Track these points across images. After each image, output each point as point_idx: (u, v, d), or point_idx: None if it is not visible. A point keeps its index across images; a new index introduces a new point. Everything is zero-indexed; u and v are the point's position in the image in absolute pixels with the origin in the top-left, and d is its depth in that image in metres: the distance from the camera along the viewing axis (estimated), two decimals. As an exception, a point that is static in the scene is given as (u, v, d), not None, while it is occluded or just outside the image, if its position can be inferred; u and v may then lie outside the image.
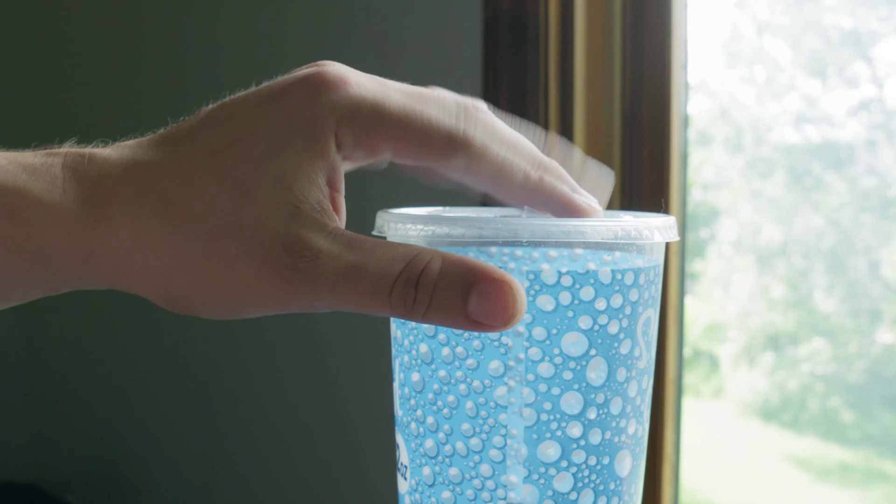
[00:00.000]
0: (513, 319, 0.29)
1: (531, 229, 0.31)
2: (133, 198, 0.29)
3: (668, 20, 0.99)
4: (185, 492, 1.59)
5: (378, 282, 0.29)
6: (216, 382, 1.53)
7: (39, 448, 1.88)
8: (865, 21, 1.10)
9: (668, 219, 0.34)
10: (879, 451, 1.17)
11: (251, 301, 0.30)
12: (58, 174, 0.29)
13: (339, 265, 0.29)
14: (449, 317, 0.29)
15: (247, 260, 0.29)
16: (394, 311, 0.29)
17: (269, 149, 0.30)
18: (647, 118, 1.01)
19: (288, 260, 0.29)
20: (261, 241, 0.29)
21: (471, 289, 0.28)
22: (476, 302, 0.28)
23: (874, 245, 1.11)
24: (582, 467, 0.32)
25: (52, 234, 0.29)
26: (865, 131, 1.11)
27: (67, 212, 0.29)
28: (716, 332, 1.29)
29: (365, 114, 0.30)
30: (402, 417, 0.35)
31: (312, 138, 0.30)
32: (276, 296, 0.29)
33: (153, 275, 0.29)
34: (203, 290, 0.29)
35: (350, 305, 0.29)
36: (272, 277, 0.29)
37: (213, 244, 0.29)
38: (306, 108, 0.30)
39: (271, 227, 0.29)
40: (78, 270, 0.29)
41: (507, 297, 0.28)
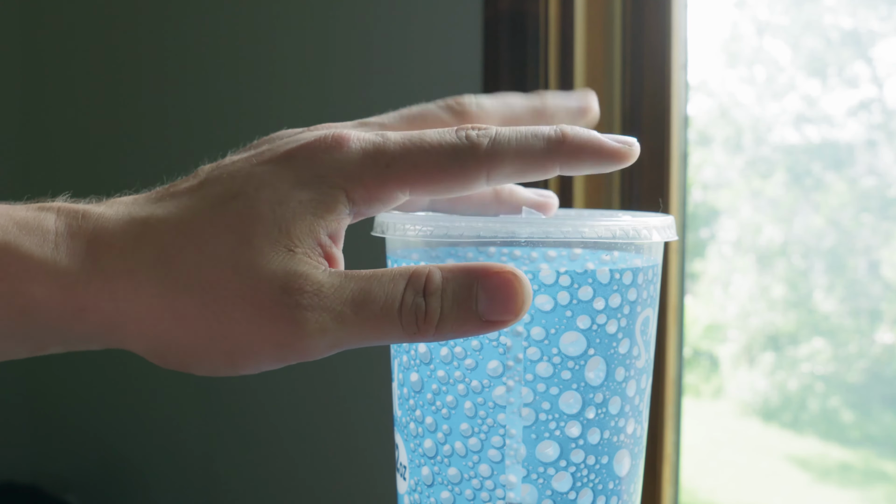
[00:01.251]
0: (523, 307, 0.28)
1: (529, 229, 0.31)
2: (130, 251, 0.29)
3: (668, 20, 0.99)
4: (185, 492, 1.59)
5: (386, 302, 0.28)
6: (216, 382, 1.53)
7: (39, 448, 1.88)
8: (865, 21, 1.10)
9: (666, 218, 0.34)
10: (879, 451, 1.17)
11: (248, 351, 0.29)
12: (50, 228, 0.29)
13: (344, 294, 0.28)
14: (462, 323, 0.29)
15: (243, 306, 0.28)
16: (404, 330, 0.29)
17: (274, 199, 0.29)
18: (647, 118, 1.01)
19: (289, 300, 0.28)
20: (258, 283, 0.28)
21: (477, 288, 0.28)
22: (485, 301, 0.28)
23: (874, 245, 1.11)
24: (581, 467, 0.32)
25: (42, 290, 0.28)
26: (865, 131, 1.11)
27: (59, 266, 0.28)
28: (716, 332, 1.29)
29: (370, 166, 0.30)
30: (401, 417, 0.35)
31: (320, 192, 0.30)
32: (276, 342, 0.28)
33: (148, 328, 0.29)
34: (199, 342, 0.29)
35: (359, 334, 0.29)
36: (272, 323, 0.28)
37: (210, 293, 0.28)
38: (312, 167, 0.30)
39: (268, 269, 0.28)
40: (68, 327, 0.29)
41: (514, 286, 0.28)
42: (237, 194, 0.30)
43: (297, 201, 0.29)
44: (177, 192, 0.31)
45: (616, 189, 1.03)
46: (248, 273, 0.28)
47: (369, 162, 0.30)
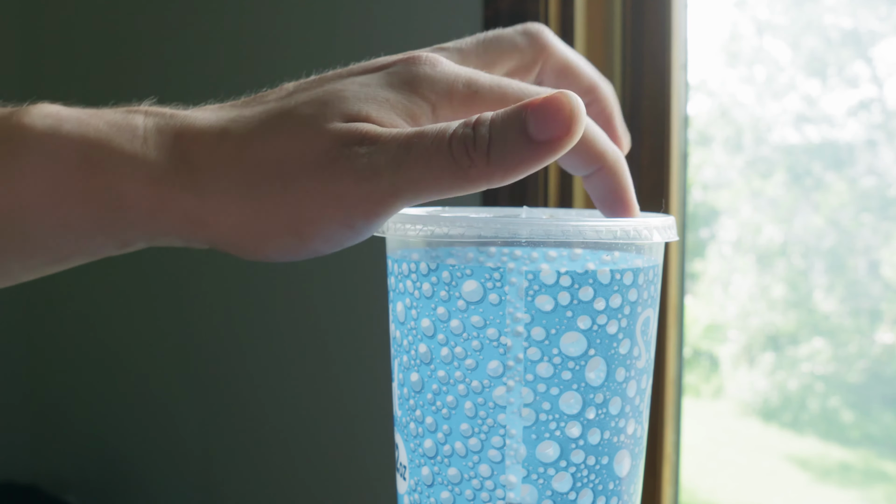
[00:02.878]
0: (574, 120, 0.28)
1: (530, 229, 0.31)
2: (214, 145, 0.29)
3: (668, 20, 0.99)
4: (185, 492, 1.59)
5: (437, 136, 0.28)
6: (216, 382, 1.53)
7: (39, 448, 1.88)
8: (865, 21, 1.10)
9: (667, 219, 0.34)
10: (879, 451, 1.17)
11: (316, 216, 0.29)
12: (139, 125, 0.30)
13: (399, 138, 0.29)
14: (514, 147, 0.28)
15: (309, 167, 0.29)
16: (457, 162, 0.28)
17: (360, 92, 0.30)
18: (647, 118, 1.01)
19: (348, 151, 0.28)
20: (322, 143, 0.29)
21: (525, 113, 0.28)
22: (534, 120, 0.28)
23: (874, 245, 1.11)
24: (581, 467, 0.32)
25: (130, 183, 0.29)
26: (865, 131, 1.11)
27: (147, 161, 0.29)
28: (716, 332, 1.29)
29: (461, 89, 0.31)
30: (401, 418, 0.35)
31: (409, 99, 0.30)
32: (337, 195, 0.28)
33: (226, 218, 0.29)
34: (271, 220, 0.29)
35: (413, 175, 0.28)
36: (332, 174, 0.28)
37: (282, 165, 0.29)
38: (406, 77, 0.31)
39: (333, 130, 0.29)
40: (154, 220, 0.29)
41: (560, 99, 0.28)
42: (327, 84, 0.31)
43: (384, 98, 0.30)
44: (265, 99, 0.31)
45: (616, 189, 1.03)
46: (316, 140, 0.29)
47: (461, 85, 0.31)
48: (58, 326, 1.84)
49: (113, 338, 1.72)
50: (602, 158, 0.33)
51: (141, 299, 1.64)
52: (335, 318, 1.31)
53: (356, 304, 1.27)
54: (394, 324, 0.35)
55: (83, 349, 1.78)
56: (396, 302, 0.35)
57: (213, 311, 1.52)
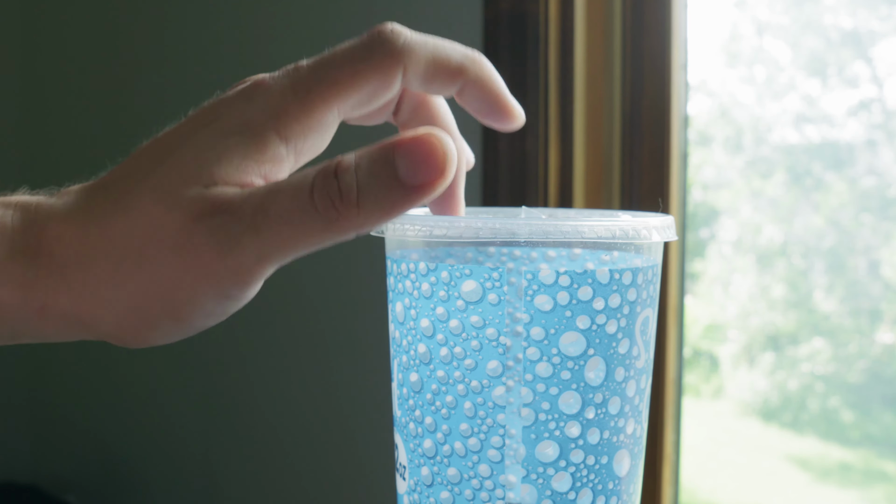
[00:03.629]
0: (447, 163, 0.27)
1: (529, 229, 0.31)
2: (78, 238, 0.29)
3: (668, 20, 0.99)
4: (185, 492, 1.59)
5: (296, 193, 0.27)
6: (216, 383, 1.53)
7: (39, 448, 1.88)
8: (865, 21, 1.10)
9: (666, 218, 0.34)
10: (879, 451, 1.17)
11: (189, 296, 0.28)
12: (7, 225, 0.29)
13: (253, 201, 0.27)
14: (384, 193, 0.27)
15: (169, 252, 0.28)
16: (324, 217, 0.27)
17: (200, 146, 0.29)
18: (647, 118, 1.01)
19: (202, 226, 0.28)
20: (176, 225, 0.28)
21: (393, 155, 0.27)
22: (405, 164, 0.27)
23: (874, 245, 1.11)
24: (580, 467, 0.32)
25: (4, 292, 0.28)
26: (865, 131, 1.11)
27: (16, 265, 0.29)
28: (716, 332, 1.29)
29: (290, 97, 0.30)
30: (401, 418, 0.35)
31: (249, 136, 0.29)
32: (205, 273, 0.28)
33: (103, 312, 0.29)
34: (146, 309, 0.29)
35: (279, 238, 0.27)
36: (194, 254, 0.28)
37: (144, 251, 0.28)
38: (236, 116, 0.30)
39: (184, 206, 0.28)
40: (33, 326, 0.29)
41: (431, 141, 0.27)
42: (164, 158, 0.29)
43: (224, 147, 0.29)
44: (115, 170, 0.31)
45: (616, 189, 1.03)
46: (168, 219, 0.28)
47: (289, 95, 0.30)
48: (58, 326, 1.84)
49: (113, 338, 1.72)
50: (463, 72, 0.32)
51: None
52: (335, 318, 1.31)
53: (356, 305, 1.27)
54: (393, 324, 0.35)
55: (83, 349, 1.78)
56: (396, 302, 0.35)
57: (213, 311, 1.52)
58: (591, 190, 1.04)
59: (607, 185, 1.04)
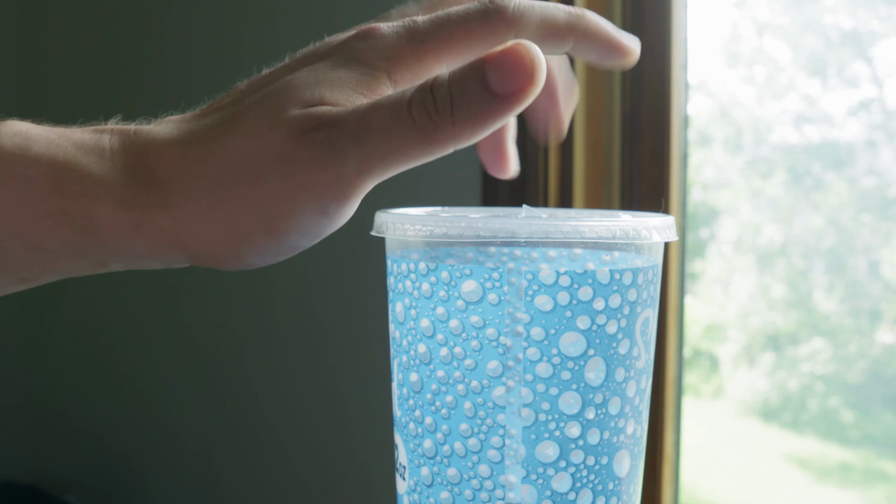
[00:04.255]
0: (536, 69, 0.27)
1: (529, 229, 0.31)
2: (179, 160, 0.29)
3: (668, 20, 0.99)
4: (185, 492, 1.59)
5: (394, 106, 0.28)
6: (216, 383, 1.53)
7: (39, 448, 1.88)
8: (865, 21, 1.10)
9: (666, 219, 0.34)
10: (879, 451, 1.17)
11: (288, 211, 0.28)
12: (106, 147, 0.30)
13: (356, 114, 0.28)
14: (477, 104, 0.27)
15: (273, 162, 0.28)
16: (421, 129, 0.28)
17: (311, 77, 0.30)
18: (647, 118, 1.01)
19: (307, 138, 0.28)
20: (282, 136, 0.28)
21: (484, 67, 0.27)
22: (494, 73, 0.27)
23: (874, 245, 1.11)
24: (580, 467, 0.32)
25: (102, 207, 0.29)
26: (865, 131, 1.11)
27: (116, 183, 0.29)
28: (716, 332, 1.29)
29: (405, 45, 0.30)
30: (401, 418, 0.35)
31: (361, 72, 0.30)
32: (305, 186, 0.28)
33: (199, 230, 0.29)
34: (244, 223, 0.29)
35: (378, 150, 0.28)
36: (297, 166, 0.28)
37: (247, 164, 0.29)
38: (351, 55, 0.30)
39: (290, 120, 0.29)
40: (128, 243, 0.29)
41: (519, 49, 0.27)
42: (274, 80, 0.30)
43: (335, 77, 0.30)
44: (219, 105, 0.31)
45: (616, 189, 1.03)
46: (273, 135, 0.28)
47: (404, 42, 0.30)
48: (58, 326, 1.84)
49: (113, 338, 1.72)
50: (572, 31, 0.32)
51: (141, 299, 1.64)
52: (335, 318, 1.31)
53: (356, 304, 1.27)
54: (393, 324, 0.35)
55: (83, 349, 1.78)
56: (396, 302, 0.35)
57: (212, 311, 1.52)
58: (591, 190, 1.04)
59: (607, 185, 1.04)
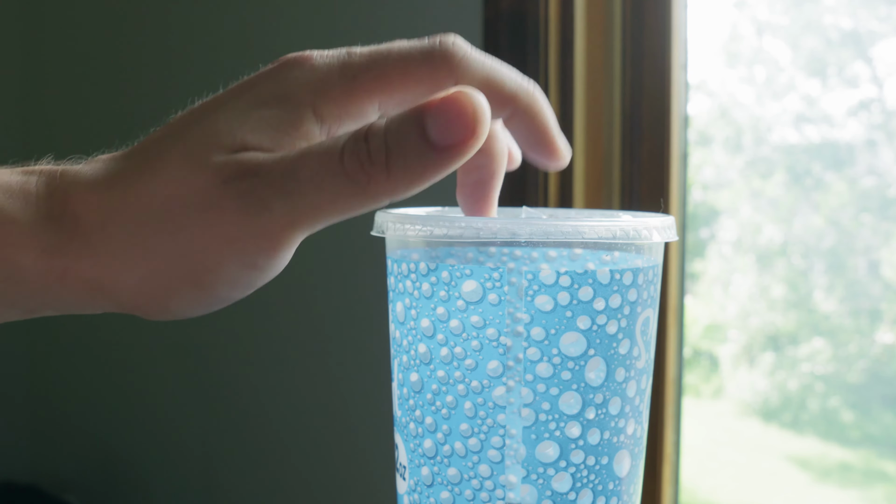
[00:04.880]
0: (479, 121, 0.26)
1: (529, 229, 0.31)
2: (104, 204, 0.28)
3: (668, 20, 0.99)
4: (185, 492, 1.59)
5: (325, 155, 0.26)
6: (216, 382, 1.53)
7: (39, 448, 1.88)
8: (865, 21, 1.10)
9: (666, 219, 0.34)
10: (879, 451, 1.17)
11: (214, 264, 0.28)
12: (32, 191, 0.29)
13: (283, 165, 0.27)
14: (414, 156, 0.26)
15: (196, 214, 0.27)
16: (353, 181, 0.26)
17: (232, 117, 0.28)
18: (647, 118, 1.01)
19: (230, 189, 0.27)
20: (205, 187, 0.27)
21: (424, 116, 0.26)
22: (434, 125, 0.26)
23: (874, 245, 1.11)
24: (581, 467, 0.32)
25: (25, 255, 0.28)
26: (865, 131, 1.11)
27: (40, 230, 0.28)
28: (716, 332, 1.29)
29: (336, 79, 0.29)
30: (401, 418, 0.35)
31: (284, 110, 0.28)
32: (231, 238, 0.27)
33: (125, 278, 0.28)
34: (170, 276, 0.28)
35: (308, 202, 0.27)
36: (220, 218, 0.27)
37: (168, 214, 0.28)
38: (275, 87, 0.29)
39: (214, 168, 0.27)
40: (54, 292, 0.29)
41: (461, 100, 0.26)
42: (197, 120, 0.29)
43: (258, 118, 0.28)
44: (147, 140, 0.30)
45: (616, 189, 1.03)
46: (195, 181, 0.27)
47: (335, 75, 0.29)
48: (58, 326, 1.84)
49: (113, 338, 1.72)
50: (514, 100, 0.31)
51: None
52: (335, 318, 1.31)
53: (356, 304, 1.27)
54: (393, 324, 0.35)
55: (83, 349, 1.78)
56: (396, 302, 0.35)
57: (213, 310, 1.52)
58: (591, 190, 1.04)
59: (607, 185, 1.04)
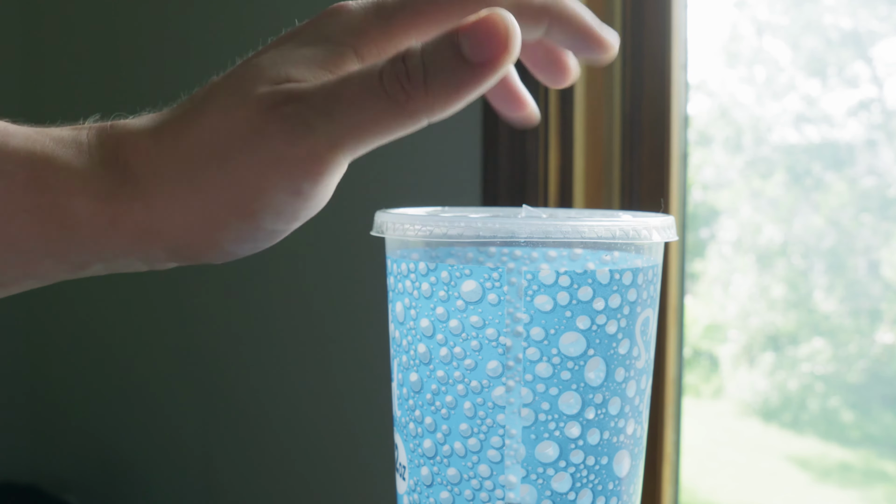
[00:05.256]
0: (510, 36, 0.27)
1: (529, 229, 0.31)
2: (154, 152, 0.29)
3: (668, 20, 0.99)
4: (185, 492, 1.59)
5: (365, 78, 0.27)
6: (216, 383, 1.53)
7: (39, 448, 1.88)
8: (865, 21, 1.10)
9: (666, 219, 0.34)
10: (879, 451, 1.17)
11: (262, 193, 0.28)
12: (83, 141, 0.29)
13: (325, 88, 0.28)
14: (451, 73, 0.27)
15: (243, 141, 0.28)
16: (393, 100, 0.27)
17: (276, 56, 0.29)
18: (647, 118, 1.01)
19: (275, 114, 0.28)
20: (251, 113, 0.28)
21: (458, 36, 0.27)
22: (468, 41, 0.27)
23: (874, 245, 1.11)
24: (580, 467, 0.32)
25: (79, 201, 0.28)
26: (865, 131, 1.11)
27: (93, 174, 0.29)
28: (716, 332, 1.29)
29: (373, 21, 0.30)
30: (401, 418, 0.35)
31: (327, 49, 0.29)
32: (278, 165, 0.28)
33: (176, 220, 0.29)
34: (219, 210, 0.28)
35: (350, 123, 0.27)
36: (268, 144, 0.28)
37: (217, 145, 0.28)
38: (317, 32, 0.30)
39: (255, 99, 0.28)
40: (105, 239, 0.29)
41: (493, 17, 0.27)
42: (242, 64, 0.30)
43: (301, 55, 0.29)
44: (193, 96, 0.31)
45: (616, 189, 1.03)
46: (240, 113, 0.28)
47: (372, 17, 0.30)
48: (58, 326, 1.84)
49: (113, 338, 1.72)
50: (547, 11, 0.32)
51: (141, 299, 1.64)
52: (335, 318, 1.31)
53: (356, 304, 1.27)
54: (393, 324, 0.35)
55: (83, 349, 1.78)
56: (396, 302, 0.35)
57: (212, 310, 1.52)
58: (591, 190, 1.04)
59: (607, 185, 1.04)
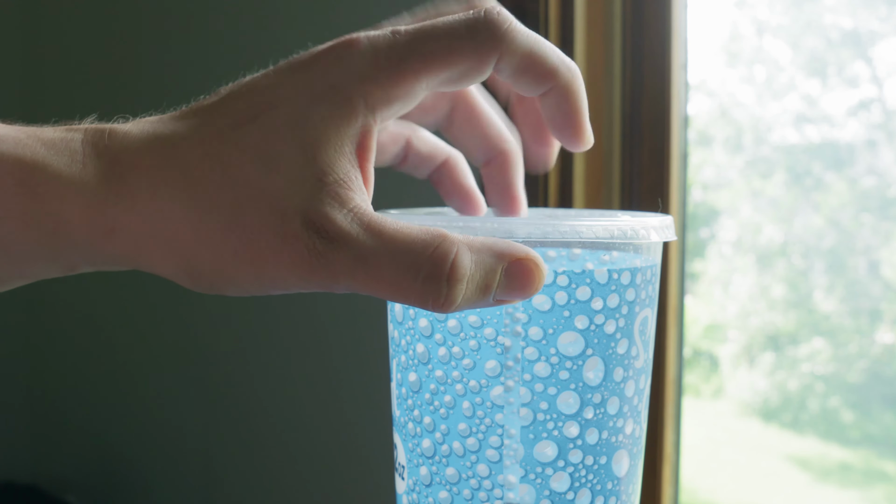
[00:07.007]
0: (534, 289, 0.29)
1: (528, 229, 0.31)
2: (154, 170, 0.28)
3: (668, 20, 0.99)
4: (185, 491, 1.59)
5: (401, 272, 0.28)
6: (216, 382, 1.53)
7: (39, 448, 1.88)
8: (865, 21, 1.10)
9: (665, 218, 0.34)
10: (879, 451, 1.17)
11: (274, 276, 0.28)
12: (77, 149, 0.29)
13: (357, 251, 0.28)
14: (476, 303, 0.29)
15: (268, 233, 0.28)
16: (420, 301, 0.28)
17: (294, 118, 0.29)
18: (647, 118, 1.01)
19: (307, 239, 0.28)
20: (282, 214, 0.28)
21: (500, 273, 0.29)
22: (504, 285, 0.29)
23: (874, 245, 1.11)
24: (579, 467, 0.32)
25: (72, 209, 0.28)
26: (865, 131, 1.11)
27: (87, 186, 0.28)
28: (716, 332, 1.29)
29: (383, 63, 0.29)
30: (400, 417, 0.35)
31: (337, 104, 0.29)
32: (298, 273, 0.28)
33: (176, 250, 0.28)
34: (226, 264, 0.28)
35: (371, 292, 0.28)
36: (292, 254, 0.28)
37: (236, 216, 0.28)
38: (327, 76, 0.29)
39: (293, 201, 0.28)
40: (98, 247, 0.29)
41: (534, 275, 0.29)
42: (257, 114, 0.29)
43: (319, 118, 0.29)
44: (199, 108, 0.30)
45: (616, 189, 1.03)
46: (275, 203, 0.28)
47: (382, 59, 0.29)
48: (58, 326, 1.84)
49: (113, 338, 1.72)
50: (555, 76, 0.31)
51: (141, 299, 1.64)
52: (334, 317, 1.31)
53: (355, 304, 1.27)
54: (392, 323, 0.35)
55: (83, 349, 1.78)
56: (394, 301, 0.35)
57: (212, 310, 1.52)
58: (591, 190, 1.04)
59: (607, 185, 1.04)
